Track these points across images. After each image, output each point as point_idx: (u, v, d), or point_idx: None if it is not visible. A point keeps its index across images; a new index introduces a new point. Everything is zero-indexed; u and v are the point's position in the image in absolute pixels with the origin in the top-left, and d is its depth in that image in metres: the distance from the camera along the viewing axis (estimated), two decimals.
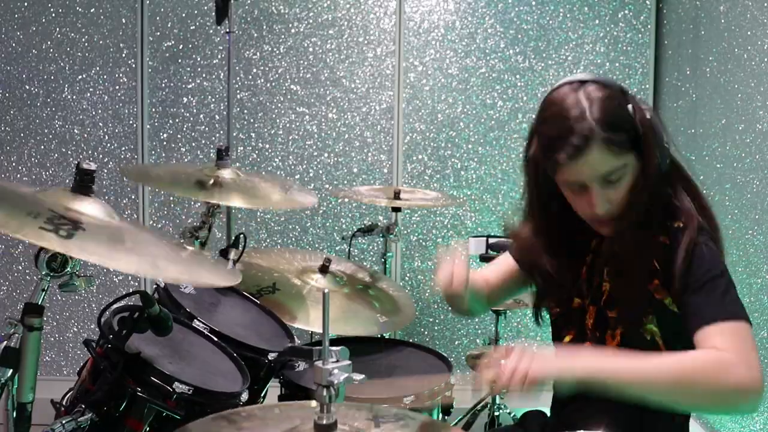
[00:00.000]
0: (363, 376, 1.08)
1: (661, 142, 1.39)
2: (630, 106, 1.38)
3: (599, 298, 1.49)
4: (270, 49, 3.23)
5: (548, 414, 1.68)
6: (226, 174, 2.09)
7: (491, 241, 2.78)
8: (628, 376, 1.27)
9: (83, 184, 1.26)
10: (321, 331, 1.08)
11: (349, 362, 1.07)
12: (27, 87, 3.18)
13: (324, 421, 1.07)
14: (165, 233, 3.22)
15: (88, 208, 1.24)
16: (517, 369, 1.26)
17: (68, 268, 1.26)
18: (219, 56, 3.21)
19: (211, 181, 2.06)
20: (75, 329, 3.29)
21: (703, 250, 1.36)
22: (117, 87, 3.21)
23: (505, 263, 1.72)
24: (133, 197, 3.25)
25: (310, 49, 3.24)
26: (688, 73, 2.98)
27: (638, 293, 1.40)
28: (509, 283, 1.71)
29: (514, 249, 1.70)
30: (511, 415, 2.71)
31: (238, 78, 3.22)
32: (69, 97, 3.20)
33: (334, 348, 1.07)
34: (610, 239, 1.46)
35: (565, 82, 1.42)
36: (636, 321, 1.41)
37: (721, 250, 1.41)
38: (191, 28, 3.21)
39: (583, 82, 1.39)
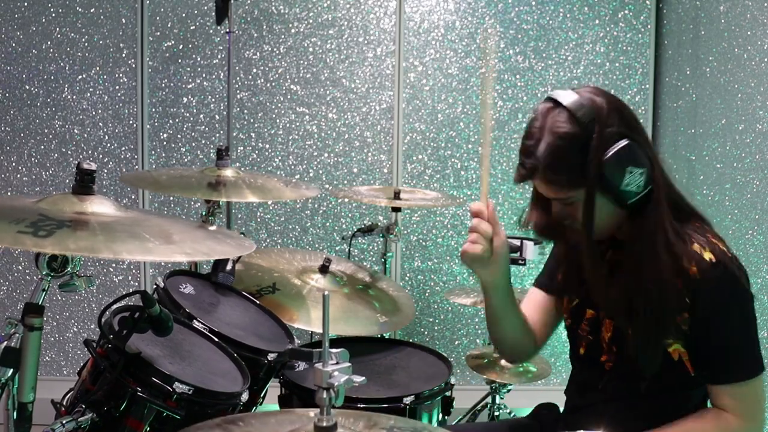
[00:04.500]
0: (363, 378, 1.08)
1: (613, 186, 1.33)
2: (593, 144, 1.31)
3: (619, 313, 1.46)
4: (270, 49, 3.23)
5: (561, 408, 1.68)
6: (229, 173, 2.11)
7: None
8: None
9: (84, 185, 1.27)
10: (321, 331, 1.07)
11: (349, 364, 1.07)
12: (27, 87, 3.18)
13: (324, 424, 1.07)
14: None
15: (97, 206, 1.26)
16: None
17: (68, 268, 1.26)
18: (219, 56, 3.21)
19: (215, 181, 2.07)
20: (75, 329, 3.29)
21: (741, 293, 1.35)
22: (117, 87, 3.21)
23: (533, 295, 1.71)
24: (133, 197, 3.25)
25: (310, 49, 3.24)
26: (688, 73, 2.98)
27: (663, 321, 1.37)
28: (542, 314, 1.67)
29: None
30: (511, 415, 2.71)
31: (238, 78, 3.22)
32: (69, 97, 3.20)
33: (334, 350, 1.06)
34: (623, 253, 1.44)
35: (551, 97, 1.40)
36: (655, 344, 1.38)
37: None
38: (191, 28, 3.21)
39: (559, 106, 1.37)
